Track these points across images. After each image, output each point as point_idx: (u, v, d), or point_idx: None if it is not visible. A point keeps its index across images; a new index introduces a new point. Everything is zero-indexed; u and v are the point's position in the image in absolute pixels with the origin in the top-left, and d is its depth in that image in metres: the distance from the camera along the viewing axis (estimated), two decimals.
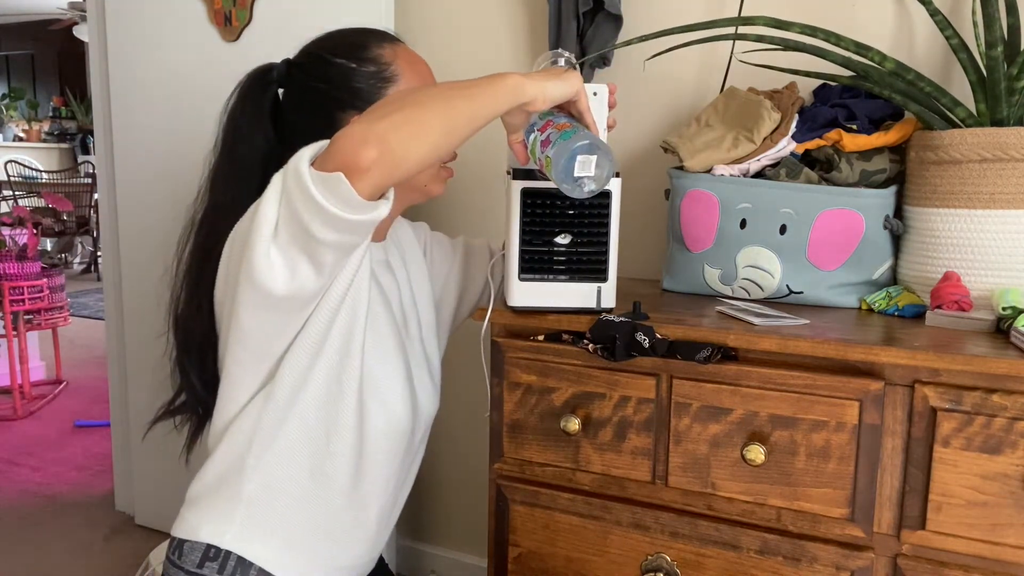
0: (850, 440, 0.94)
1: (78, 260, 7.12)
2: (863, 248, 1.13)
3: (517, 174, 1.00)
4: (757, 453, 0.95)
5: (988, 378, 0.87)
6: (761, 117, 1.18)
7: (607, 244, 1.02)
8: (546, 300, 1.03)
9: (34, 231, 3.28)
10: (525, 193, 1.00)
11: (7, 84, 9.08)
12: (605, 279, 1.03)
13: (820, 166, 1.18)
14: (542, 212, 1.01)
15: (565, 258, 1.02)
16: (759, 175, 1.19)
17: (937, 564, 0.91)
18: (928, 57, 1.30)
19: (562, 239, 1.01)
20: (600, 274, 1.02)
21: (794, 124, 1.18)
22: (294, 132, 1.03)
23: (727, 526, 1.01)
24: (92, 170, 6.31)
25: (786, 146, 1.17)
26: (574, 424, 1.04)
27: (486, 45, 1.64)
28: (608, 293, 1.03)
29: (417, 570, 1.90)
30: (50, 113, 8.45)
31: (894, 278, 1.19)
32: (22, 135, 7.92)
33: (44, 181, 6.53)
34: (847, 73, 1.20)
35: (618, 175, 1.00)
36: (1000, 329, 0.98)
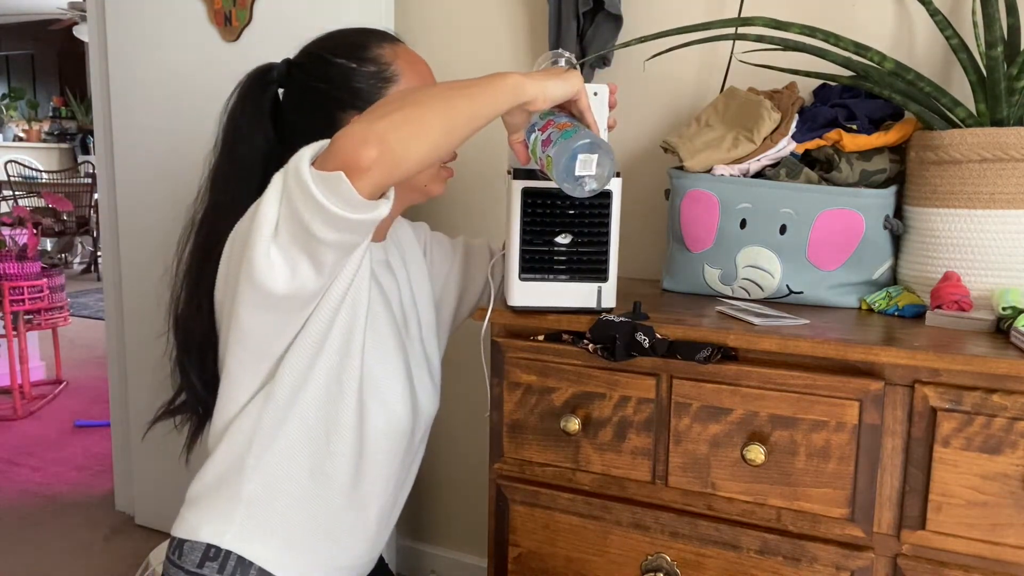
0: (850, 440, 0.94)
1: (78, 260, 7.12)
2: (863, 248, 1.13)
3: (518, 174, 1.00)
4: (757, 453, 0.95)
5: (988, 378, 0.87)
6: (761, 117, 1.18)
7: (607, 244, 1.02)
8: (546, 300, 1.03)
9: (34, 231, 3.28)
10: (526, 193, 1.00)
11: (7, 84, 9.08)
12: (605, 279, 1.03)
13: (820, 166, 1.18)
14: (543, 212, 1.01)
15: (565, 258, 1.02)
16: (759, 175, 1.19)
17: (937, 564, 0.91)
18: (928, 57, 1.30)
19: (562, 239, 1.01)
20: (600, 274, 1.02)
21: (794, 124, 1.18)
22: (294, 132, 1.03)
23: (727, 526, 1.01)
24: (92, 170, 6.31)
25: (786, 146, 1.17)
26: (574, 424, 1.04)
27: (486, 45, 1.64)
28: (608, 293, 1.03)
29: (417, 570, 1.90)
30: (50, 113, 8.45)
31: (894, 278, 1.19)
32: (22, 135, 7.93)
33: (44, 181, 6.53)
34: (847, 73, 1.20)
35: (618, 175, 1.00)
36: (1000, 329, 0.98)
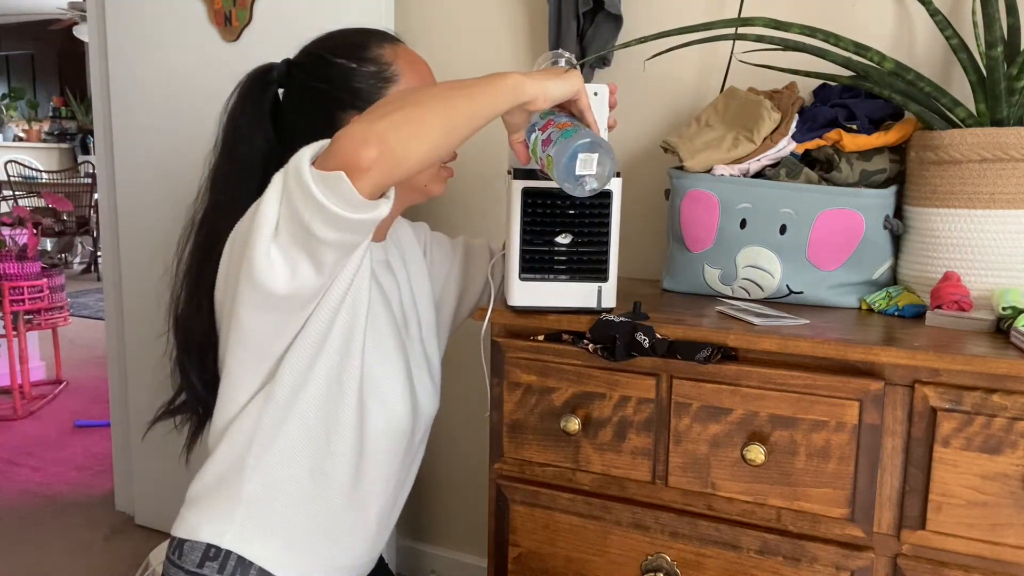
0: (850, 440, 0.94)
1: (78, 260, 7.12)
2: (863, 248, 1.13)
3: (518, 174, 1.00)
4: (757, 453, 0.95)
5: (988, 378, 0.87)
6: (761, 117, 1.18)
7: (608, 244, 1.02)
8: (547, 300, 1.03)
9: (34, 231, 3.28)
10: (526, 193, 1.00)
11: (7, 84, 9.08)
12: (606, 279, 1.03)
13: (820, 166, 1.18)
14: (543, 212, 1.01)
15: (566, 258, 1.02)
16: (759, 175, 1.19)
17: (937, 564, 0.91)
18: (928, 57, 1.30)
19: (563, 239, 1.01)
20: (601, 274, 1.02)
21: (794, 124, 1.18)
22: (294, 132, 1.03)
23: (727, 526, 1.01)
24: (92, 170, 6.31)
25: (786, 146, 1.17)
26: (574, 424, 1.04)
27: (486, 45, 1.64)
28: (609, 293, 1.03)
29: (417, 570, 1.90)
30: (50, 113, 8.45)
31: (894, 278, 1.19)
32: (22, 135, 7.93)
33: (44, 181, 6.53)
34: (847, 73, 1.20)
35: (619, 175, 1.00)
36: (1000, 329, 0.98)
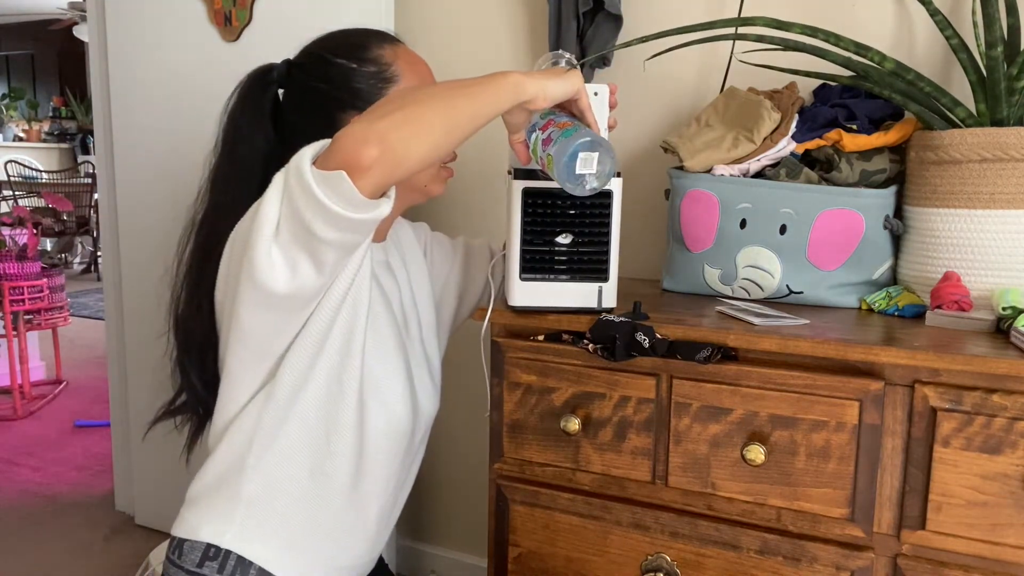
0: (850, 440, 0.94)
1: (78, 260, 7.12)
2: (863, 248, 1.13)
3: (518, 174, 1.00)
4: (757, 453, 0.95)
5: (988, 378, 0.87)
6: (761, 117, 1.18)
7: (608, 244, 1.02)
8: (547, 300, 1.03)
9: (34, 231, 3.28)
10: (526, 193, 1.00)
11: (7, 84, 9.08)
12: (606, 279, 1.03)
13: (820, 166, 1.18)
14: (543, 212, 1.01)
15: (566, 258, 1.02)
16: (759, 175, 1.19)
17: (937, 564, 0.91)
18: (928, 57, 1.30)
19: (563, 239, 1.01)
20: (601, 274, 1.03)
21: (794, 124, 1.18)
22: (294, 132, 1.03)
23: (727, 526, 1.01)
24: (92, 170, 6.31)
25: (786, 146, 1.17)
26: (574, 424, 1.04)
27: (486, 45, 1.64)
28: (609, 293, 1.03)
29: (417, 570, 1.90)
30: (50, 113, 8.45)
31: (894, 278, 1.19)
32: (22, 135, 7.93)
33: (44, 181, 6.53)
34: (847, 73, 1.20)
35: (619, 175, 1.00)
36: (1000, 329, 0.98)
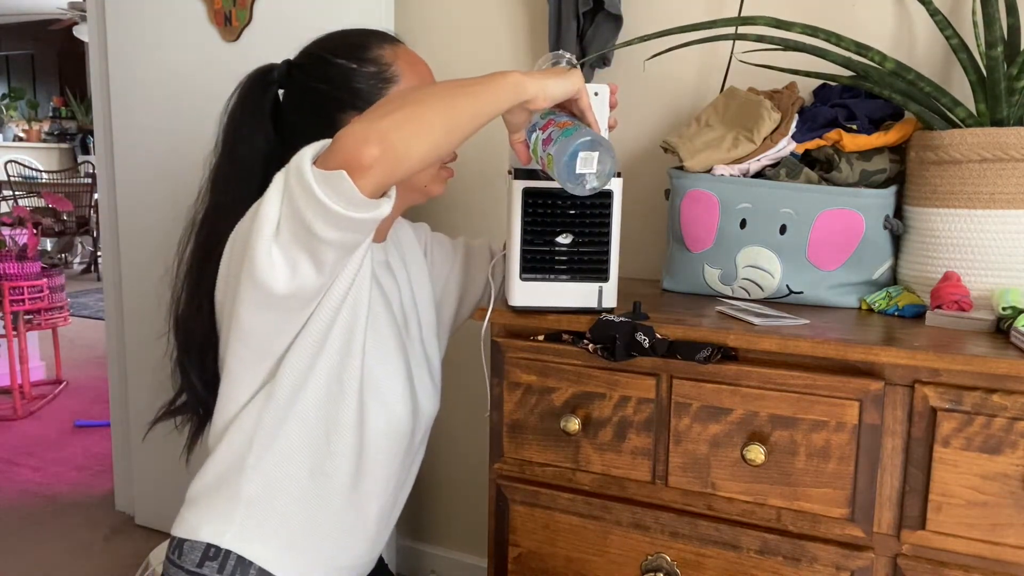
0: (850, 440, 0.94)
1: (78, 260, 7.12)
2: (863, 248, 1.13)
3: (518, 174, 1.00)
4: (757, 453, 0.95)
5: (988, 378, 0.87)
6: (761, 117, 1.18)
7: (608, 244, 1.02)
8: (547, 300, 1.03)
9: (34, 231, 3.28)
10: (526, 193, 1.00)
11: (7, 84, 9.08)
12: (606, 279, 1.03)
13: (820, 166, 1.18)
14: (543, 212, 1.01)
15: (566, 258, 1.02)
16: (759, 175, 1.19)
17: (937, 564, 0.91)
18: (928, 57, 1.30)
19: (563, 239, 1.01)
20: (601, 274, 1.03)
21: (794, 124, 1.18)
22: (294, 133, 1.03)
23: (727, 526, 1.01)
24: (92, 170, 6.31)
25: (786, 146, 1.17)
26: (574, 424, 1.04)
27: (486, 45, 1.64)
28: (609, 293, 1.03)
29: (417, 570, 1.90)
30: (50, 113, 8.45)
31: (894, 278, 1.19)
32: (22, 135, 7.93)
33: (44, 181, 6.53)
34: (847, 73, 1.20)
35: (619, 175, 1.00)
36: (1000, 329, 0.98)
